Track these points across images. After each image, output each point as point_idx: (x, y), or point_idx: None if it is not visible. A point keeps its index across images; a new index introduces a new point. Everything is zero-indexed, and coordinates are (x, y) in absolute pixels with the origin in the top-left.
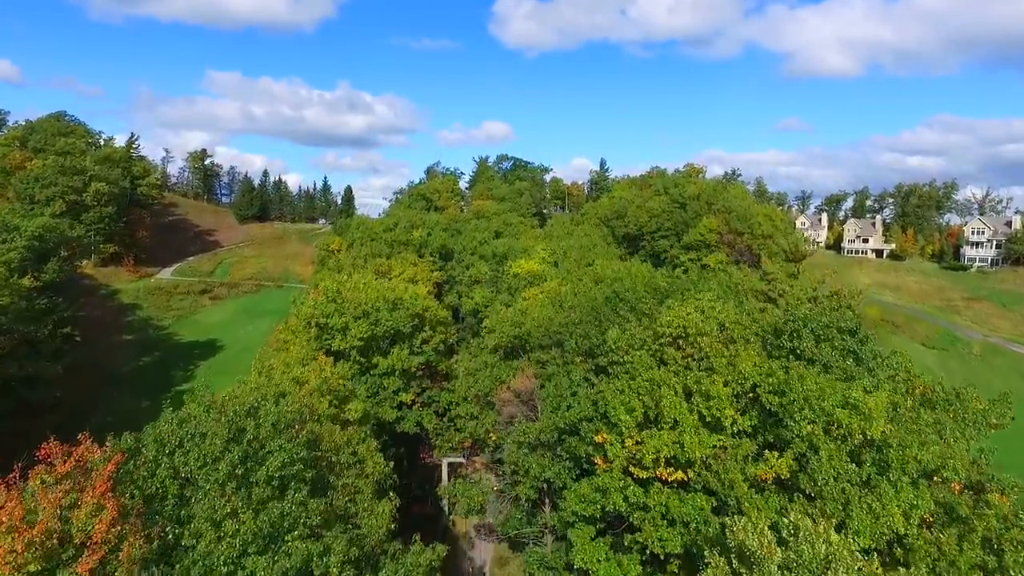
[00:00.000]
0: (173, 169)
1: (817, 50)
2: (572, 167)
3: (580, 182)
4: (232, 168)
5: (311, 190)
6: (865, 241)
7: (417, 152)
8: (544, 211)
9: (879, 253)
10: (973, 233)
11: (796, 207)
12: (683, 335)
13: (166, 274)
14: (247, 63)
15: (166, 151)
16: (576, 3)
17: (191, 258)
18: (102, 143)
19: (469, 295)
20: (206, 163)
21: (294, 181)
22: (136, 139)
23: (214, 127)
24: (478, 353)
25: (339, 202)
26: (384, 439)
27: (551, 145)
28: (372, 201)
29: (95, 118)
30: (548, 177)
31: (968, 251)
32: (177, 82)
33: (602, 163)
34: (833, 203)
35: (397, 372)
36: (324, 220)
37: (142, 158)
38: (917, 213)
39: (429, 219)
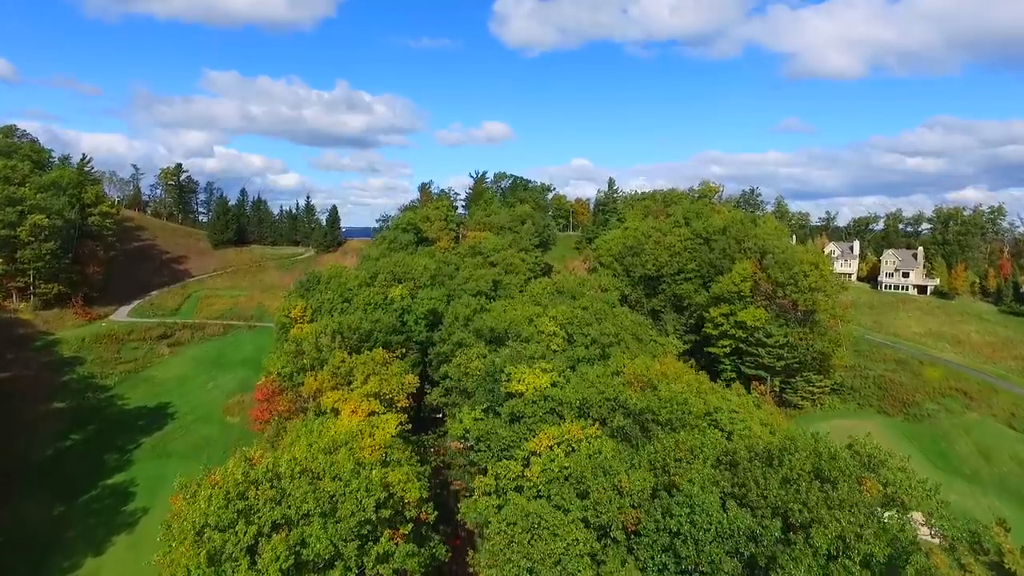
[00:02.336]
0: (145, 185)
1: (818, 51)
2: (572, 167)
3: (584, 198)
4: (210, 184)
5: (294, 210)
6: (905, 275)
7: (416, 152)
8: (548, 237)
9: (922, 289)
10: None
11: (819, 225)
12: None
13: (122, 314)
14: (245, 62)
15: (135, 167)
16: (578, 2)
17: (154, 292)
18: (57, 161)
19: (458, 416)
20: (181, 179)
21: (292, 181)
22: (89, 160)
23: (212, 127)
24: None
25: (324, 222)
26: None
27: (551, 145)
28: (372, 201)
29: (94, 118)
30: (550, 196)
31: None
32: (175, 81)
33: (610, 183)
34: (862, 226)
35: None
36: (306, 241)
37: (96, 181)
38: (960, 241)
39: (416, 265)
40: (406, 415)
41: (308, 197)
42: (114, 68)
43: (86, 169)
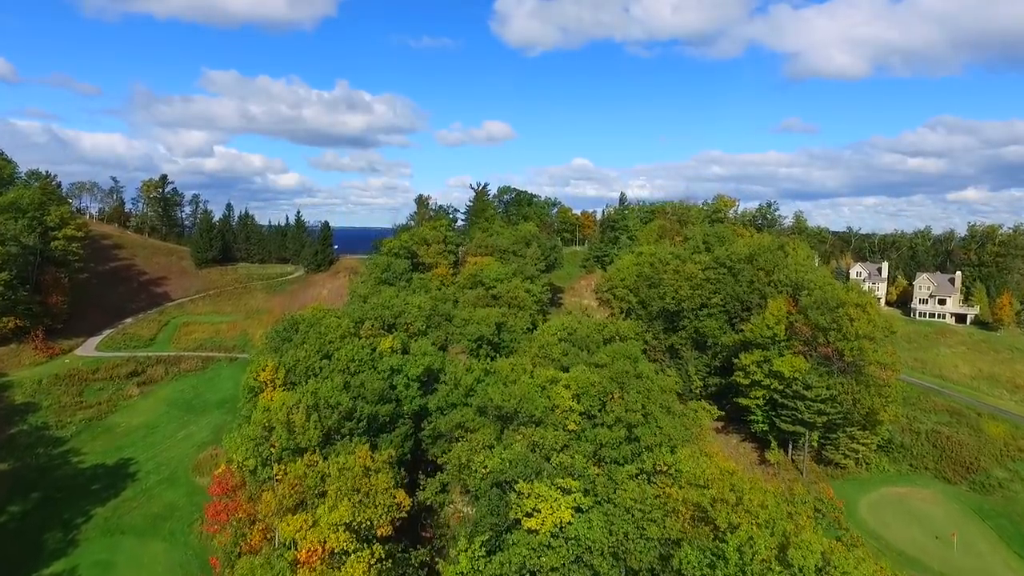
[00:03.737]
0: (129, 197)
1: (821, 50)
2: (572, 167)
3: (590, 210)
4: (195, 196)
5: (283, 224)
6: (942, 302)
7: (416, 152)
8: (554, 260)
9: (960, 318)
10: None
11: (839, 234)
12: None
13: (89, 347)
14: (245, 62)
15: (115, 180)
16: (579, 1)
17: (129, 319)
18: (23, 176)
19: (453, 552)
20: (166, 191)
21: (292, 180)
22: (54, 178)
23: (212, 126)
24: None
25: (316, 237)
26: None
27: (552, 145)
28: (372, 201)
29: (93, 117)
30: (555, 211)
31: None
32: (174, 81)
33: (621, 198)
34: (888, 244)
35: None
36: (295, 258)
37: (63, 201)
38: (999, 263)
39: (410, 304)
40: (384, 546)
41: (299, 212)
42: (113, 67)
43: (52, 187)
